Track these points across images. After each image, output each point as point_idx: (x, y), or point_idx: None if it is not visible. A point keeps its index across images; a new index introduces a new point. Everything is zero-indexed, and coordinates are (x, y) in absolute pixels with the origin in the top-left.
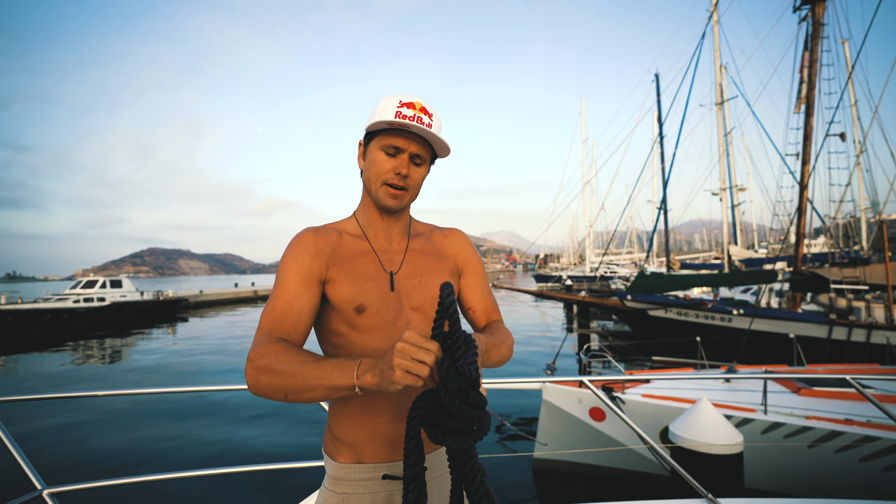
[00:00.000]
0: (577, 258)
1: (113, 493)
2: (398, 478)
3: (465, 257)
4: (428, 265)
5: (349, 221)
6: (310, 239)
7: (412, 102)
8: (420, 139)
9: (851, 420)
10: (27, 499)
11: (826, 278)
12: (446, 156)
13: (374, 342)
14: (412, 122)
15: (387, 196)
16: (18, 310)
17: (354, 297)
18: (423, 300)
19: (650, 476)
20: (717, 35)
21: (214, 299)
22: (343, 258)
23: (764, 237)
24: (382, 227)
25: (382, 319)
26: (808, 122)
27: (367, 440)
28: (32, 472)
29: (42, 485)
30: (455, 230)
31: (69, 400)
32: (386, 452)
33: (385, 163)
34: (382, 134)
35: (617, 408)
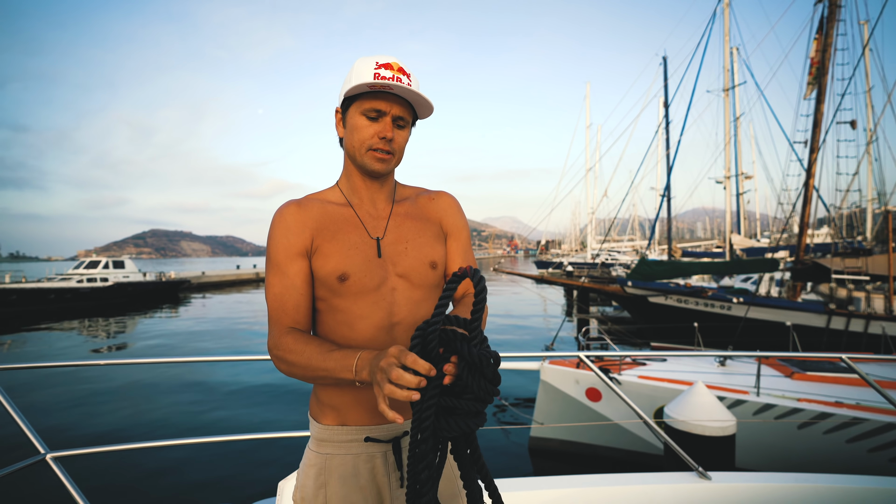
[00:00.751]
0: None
1: (114, 459)
2: (380, 441)
3: (451, 221)
4: (414, 229)
5: (332, 191)
6: (290, 214)
7: (389, 63)
8: (401, 101)
9: (841, 402)
10: (30, 462)
11: (828, 268)
12: (428, 116)
13: (358, 309)
14: (393, 82)
15: (373, 161)
16: (23, 289)
17: (337, 266)
18: (409, 266)
19: (644, 455)
20: (727, 18)
21: (216, 281)
22: (326, 228)
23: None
24: (367, 193)
25: (366, 287)
26: (818, 108)
27: (350, 404)
28: (35, 437)
29: (45, 449)
30: (443, 192)
31: (72, 370)
32: (369, 416)
33: (368, 128)
34: (362, 98)
35: (614, 386)
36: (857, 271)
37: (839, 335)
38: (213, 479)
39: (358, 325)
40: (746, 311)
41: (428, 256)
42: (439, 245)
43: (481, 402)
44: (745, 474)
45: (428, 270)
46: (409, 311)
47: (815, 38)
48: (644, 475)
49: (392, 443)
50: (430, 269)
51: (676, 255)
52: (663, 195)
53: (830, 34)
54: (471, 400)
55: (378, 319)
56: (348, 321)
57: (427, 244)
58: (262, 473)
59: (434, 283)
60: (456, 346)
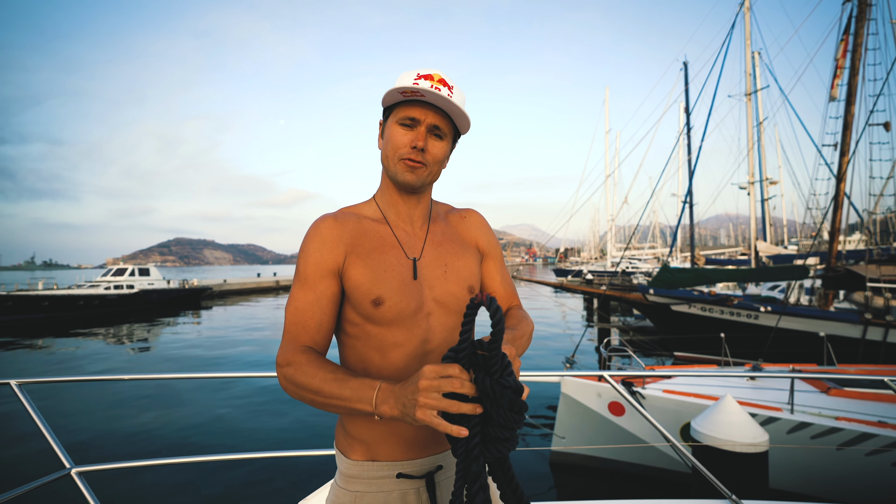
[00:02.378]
0: (598, 252)
1: (137, 474)
2: (413, 477)
3: (486, 240)
4: (452, 252)
5: (368, 205)
6: (328, 229)
7: (430, 74)
8: (439, 111)
9: (885, 422)
10: (55, 477)
11: (862, 276)
12: (467, 130)
13: (392, 336)
14: (426, 89)
15: (404, 170)
16: (54, 295)
17: (372, 289)
18: (447, 291)
19: (670, 473)
20: (748, 22)
21: (238, 288)
22: (362, 245)
23: (794, 233)
24: (404, 209)
25: (402, 312)
26: (848, 110)
27: (381, 438)
28: (62, 451)
29: (70, 464)
30: (472, 211)
31: (99, 383)
32: (401, 450)
33: (402, 136)
34: (399, 107)
35: (637, 403)
36: (895, 279)
37: (877, 346)
38: (236, 496)
39: (390, 353)
40: (778, 320)
41: (466, 280)
42: (477, 267)
43: (508, 430)
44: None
45: (466, 295)
46: (444, 338)
47: (843, 38)
48: (674, 502)
49: (426, 478)
50: (467, 294)
51: (700, 262)
52: (685, 201)
53: (860, 33)
54: (497, 427)
55: (412, 348)
56: (380, 348)
57: (465, 267)
58: (282, 491)
59: None
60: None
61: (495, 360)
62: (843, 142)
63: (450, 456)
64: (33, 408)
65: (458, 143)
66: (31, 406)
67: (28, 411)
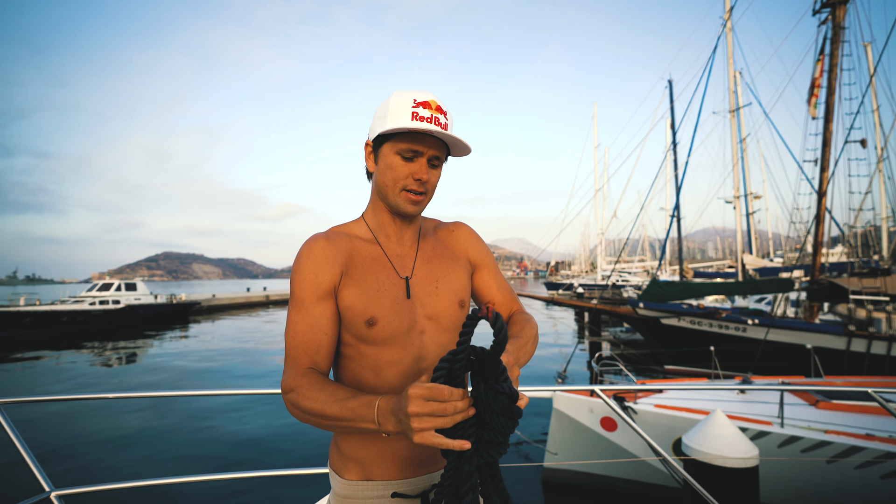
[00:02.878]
0: (588, 266)
1: (120, 496)
2: (408, 496)
3: (476, 251)
4: (442, 268)
5: (358, 224)
6: (320, 249)
7: (427, 101)
8: (438, 141)
9: (873, 435)
10: (35, 501)
11: (845, 288)
12: (464, 155)
13: (385, 355)
14: (432, 126)
15: (406, 202)
16: (36, 311)
17: (366, 310)
18: (439, 307)
19: (662, 489)
20: (730, 42)
21: (227, 303)
22: (355, 266)
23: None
24: (395, 230)
25: (396, 332)
26: (826, 127)
27: (376, 457)
28: (41, 474)
29: (50, 486)
30: (460, 224)
31: (79, 402)
32: (396, 470)
33: (403, 167)
34: (398, 137)
35: (629, 418)
36: (876, 291)
37: (861, 358)
38: None
39: (385, 372)
40: (766, 333)
41: (457, 295)
42: (467, 281)
43: (500, 434)
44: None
45: (457, 310)
46: (438, 354)
47: (819, 59)
48: None
49: (420, 497)
50: (459, 309)
51: (688, 275)
52: (673, 215)
53: (836, 54)
54: (490, 430)
55: (406, 366)
56: (375, 367)
57: (456, 281)
58: None
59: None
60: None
61: (492, 366)
62: (823, 158)
63: None
64: (12, 428)
65: None
66: (10, 427)
67: (6, 432)
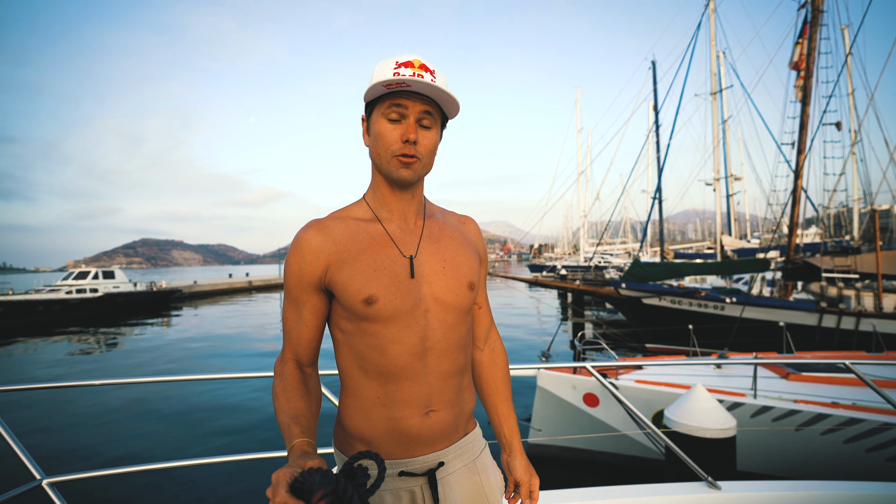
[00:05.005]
0: (571, 248)
1: (112, 483)
2: (415, 474)
3: (482, 249)
4: (451, 248)
5: (359, 206)
6: (307, 242)
7: (409, 61)
8: (425, 99)
9: (837, 403)
10: (27, 489)
11: (818, 267)
12: (456, 114)
13: (389, 333)
14: (411, 78)
15: (398, 167)
16: (10, 301)
17: (362, 289)
18: (446, 287)
19: (643, 460)
20: (713, 24)
21: (209, 290)
22: (348, 250)
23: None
24: (397, 206)
25: (398, 310)
26: (804, 110)
27: (382, 435)
28: (31, 462)
29: (41, 474)
30: (470, 218)
31: (66, 390)
32: (402, 448)
33: (391, 132)
34: (382, 100)
35: (615, 390)
36: (847, 270)
37: (831, 333)
38: (214, 500)
39: (390, 350)
40: (742, 311)
41: (466, 276)
42: (478, 266)
43: None
44: (756, 483)
45: (466, 291)
46: (443, 334)
47: (798, 42)
48: (652, 486)
49: (427, 475)
50: (468, 290)
51: (669, 256)
52: (654, 197)
53: (814, 38)
54: None
55: (411, 344)
56: (379, 346)
57: (465, 263)
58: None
59: (468, 307)
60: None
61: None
62: (800, 140)
63: (452, 451)
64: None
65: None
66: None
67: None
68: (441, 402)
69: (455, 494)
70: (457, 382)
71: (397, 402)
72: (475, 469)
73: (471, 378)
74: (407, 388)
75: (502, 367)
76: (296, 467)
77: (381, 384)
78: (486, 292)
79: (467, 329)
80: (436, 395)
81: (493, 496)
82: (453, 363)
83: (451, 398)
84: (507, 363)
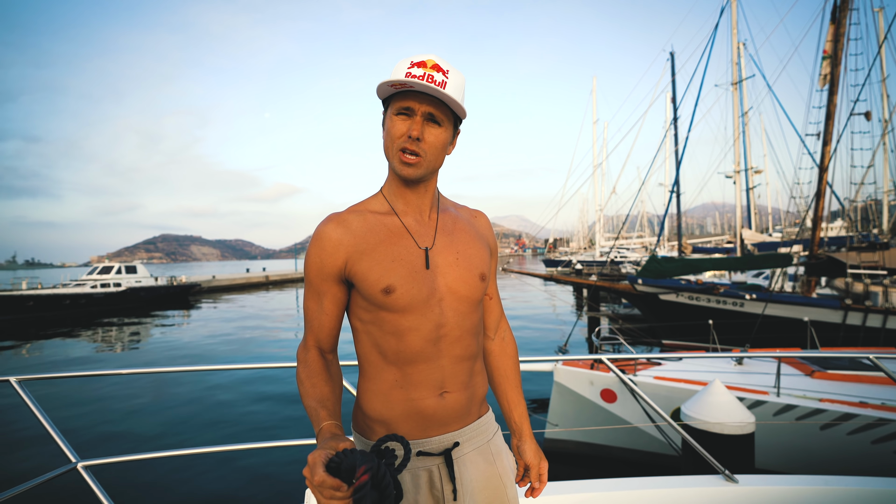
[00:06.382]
0: (587, 242)
1: (145, 467)
2: (432, 454)
3: (493, 243)
4: (463, 241)
5: (376, 199)
6: (326, 234)
7: (423, 61)
8: (434, 99)
9: (866, 402)
10: (62, 471)
11: (843, 262)
12: (464, 116)
13: (406, 321)
14: (417, 80)
15: (400, 164)
16: (39, 295)
17: (381, 279)
18: (459, 277)
19: (660, 456)
20: (734, 12)
21: (227, 284)
22: (367, 241)
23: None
24: (413, 198)
25: (414, 299)
26: (831, 100)
27: (401, 416)
28: (66, 446)
29: (76, 458)
30: (481, 212)
31: (93, 378)
32: (420, 429)
33: (398, 127)
34: (394, 97)
35: (633, 386)
36: (874, 265)
37: (856, 331)
38: (250, 486)
39: (406, 337)
40: (764, 307)
41: (478, 268)
42: (489, 259)
43: None
44: (774, 477)
45: (478, 282)
46: (457, 322)
47: (830, 25)
48: (669, 479)
49: (444, 455)
50: (479, 281)
51: (687, 251)
52: (672, 191)
53: (843, 23)
54: None
55: (427, 331)
56: (396, 332)
57: (477, 255)
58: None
59: (480, 297)
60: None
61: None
62: (826, 131)
63: (466, 432)
64: (35, 404)
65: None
66: (33, 402)
67: (30, 407)
68: (454, 384)
69: (470, 473)
70: (469, 366)
71: (414, 383)
72: (489, 451)
73: (482, 364)
74: (423, 370)
75: (512, 356)
76: (329, 449)
77: (399, 368)
78: (497, 284)
79: (479, 318)
80: (449, 377)
81: (506, 476)
82: (466, 349)
83: (464, 381)
84: (516, 352)
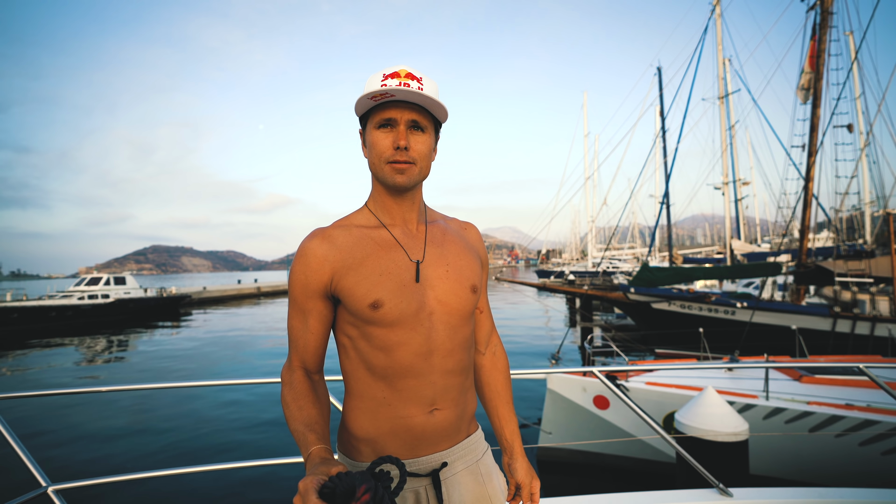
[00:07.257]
0: (579, 253)
1: (117, 490)
2: (419, 475)
3: (483, 255)
4: (453, 252)
5: (361, 213)
6: (311, 251)
7: (396, 72)
8: (414, 106)
9: (852, 405)
10: (32, 496)
11: (830, 271)
12: (445, 119)
13: (395, 336)
14: (398, 88)
15: (392, 173)
16: (24, 307)
17: (368, 294)
18: (449, 290)
19: (654, 464)
20: (719, 28)
21: (218, 296)
22: (353, 256)
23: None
24: (398, 211)
25: (403, 313)
26: (814, 112)
27: (387, 435)
28: (37, 469)
29: (46, 481)
30: (472, 224)
31: (73, 396)
32: (407, 448)
33: (383, 140)
34: (374, 111)
35: (623, 394)
36: (861, 274)
37: (845, 338)
38: None
39: (395, 352)
40: (752, 315)
41: (469, 280)
42: (479, 270)
43: None
44: (769, 490)
45: (469, 294)
46: (448, 336)
47: (811, 42)
48: (662, 493)
49: (431, 476)
50: (470, 294)
51: (678, 261)
52: (662, 202)
53: (824, 40)
54: None
55: (416, 346)
56: (385, 348)
57: (468, 267)
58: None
59: (471, 310)
60: None
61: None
62: (811, 143)
63: (456, 451)
64: (4, 424)
65: (441, 134)
66: (2, 423)
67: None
68: (445, 401)
69: (458, 495)
70: (461, 381)
71: (403, 400)
72: (478, 471)
73: (473, 380)
74: (413, 386)
75: (503, 371)
76: (321, 474)
77: (388, 384)
78: (488, 297)
79: (470, 331)
80: (440, 393)
81: (496, 498)
82: (457, 363)
83: (455, 397)
84: (507, 367)
